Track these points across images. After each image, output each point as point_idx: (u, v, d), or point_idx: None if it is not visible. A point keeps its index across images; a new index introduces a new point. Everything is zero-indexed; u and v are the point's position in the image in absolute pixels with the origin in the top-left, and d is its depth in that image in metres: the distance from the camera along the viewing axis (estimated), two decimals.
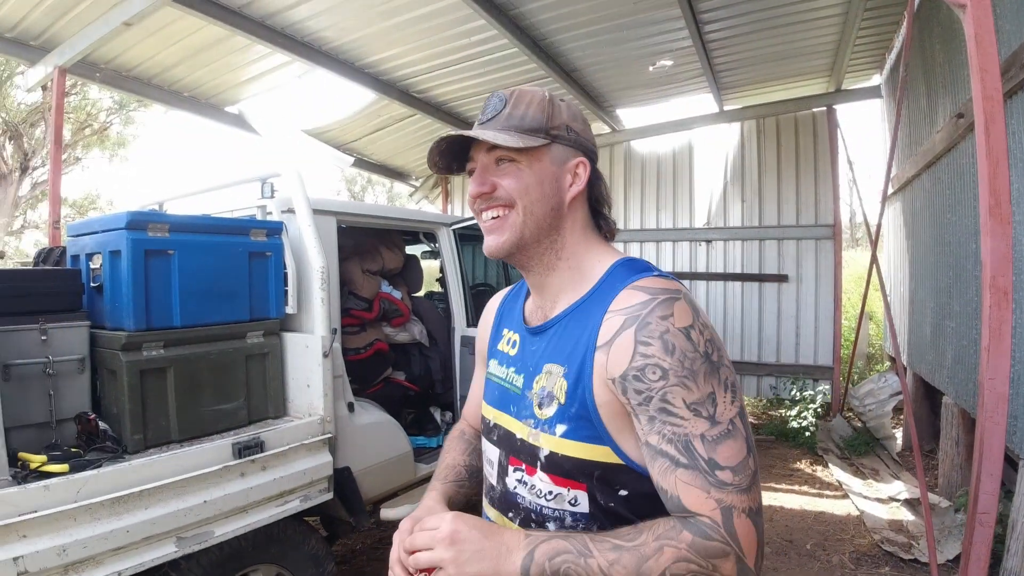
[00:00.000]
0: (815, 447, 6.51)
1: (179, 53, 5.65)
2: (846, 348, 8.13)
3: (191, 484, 2.43)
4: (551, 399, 1.07)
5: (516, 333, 1.25)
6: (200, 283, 2.77)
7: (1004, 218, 1.72)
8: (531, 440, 1.09)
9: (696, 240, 8.38)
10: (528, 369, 1.16)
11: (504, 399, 1.21)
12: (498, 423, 1.21)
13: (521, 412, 1.14)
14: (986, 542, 2.01)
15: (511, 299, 1.36)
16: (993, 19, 3.42)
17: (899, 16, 5.87)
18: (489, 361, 1.32)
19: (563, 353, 1.09)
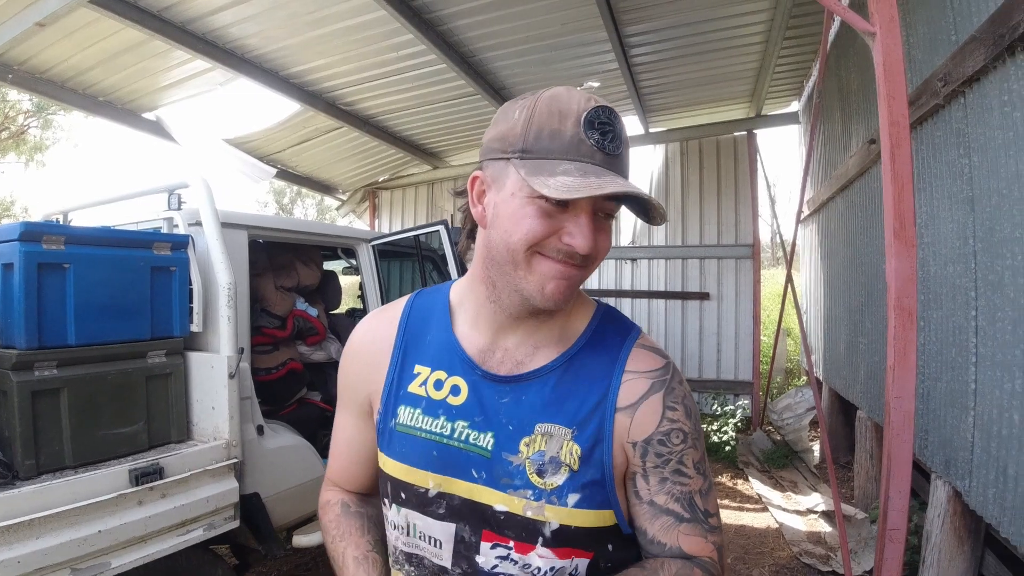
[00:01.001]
0: (736, 461, 6.65)
1: (96, 56, 5.40)
2: (765, 363, 8.39)
3: (85, 513, 2.29)
4: (557, 466, 0.96)
5: (457, 377, 1.04)
6: (98, 299, 2.61)
7: (909, 240, 1.78)
8: (530, 514, 0.96)
9: (622, 258, 8.52)
10: (502, 427, 0.99)
11: (453, 461, 1.00)
12: (448, 491, 1.00)
13: (499, 480, 0.98)
14: (897, 557, 2.06)
15: (414, 325, 1.12)
16: (906, 48, 3.63)
17: (816, 45, 6.13)
18: (396, 408, 1.06)
19: (566, 413, 0.99)
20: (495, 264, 0.98)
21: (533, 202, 0.90)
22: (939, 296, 3.36)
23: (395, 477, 1.04)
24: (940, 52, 3.16)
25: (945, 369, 3.28)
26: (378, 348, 1.12)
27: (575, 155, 0.89)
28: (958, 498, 3.10)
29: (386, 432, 1.07)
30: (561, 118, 0.90)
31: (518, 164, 0.91)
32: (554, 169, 0.88)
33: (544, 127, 0.90)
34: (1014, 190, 2.51)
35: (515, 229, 0.92)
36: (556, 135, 0.90)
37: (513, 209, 0.92)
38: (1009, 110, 2.53)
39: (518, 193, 0.92)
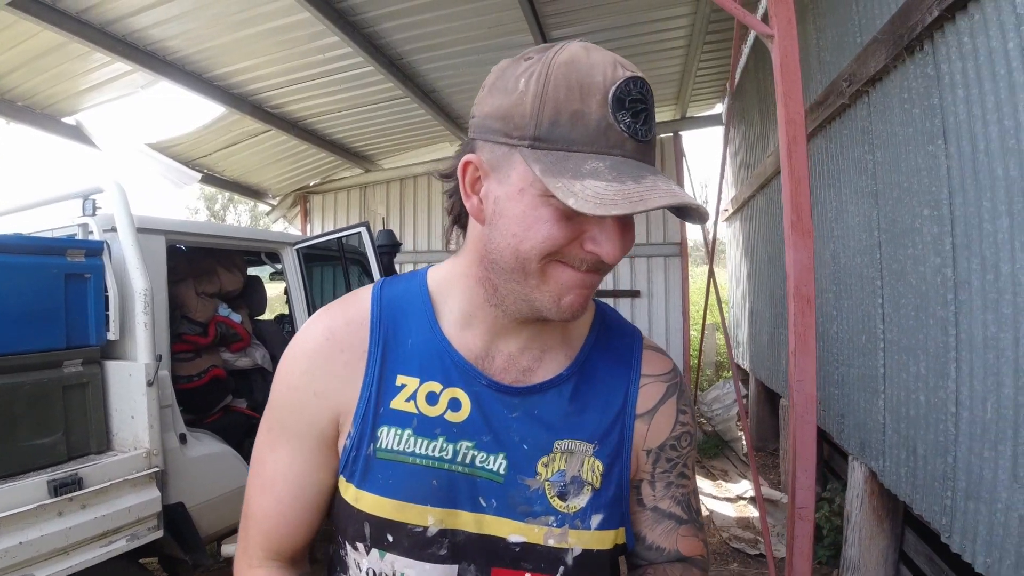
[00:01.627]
0: None
1: (14, 60, 5.17)
2: (695, 357, 8.60)
3: (4, 524, 2.23)
4: (580, 486, 0.85)
5: (456, 388, 0.86)
6: (10, 307, 2.53)
7: (806, 232, 1.87)
8: (552, 543, 0.83)
9: None
10: (515, 446, 0.85)
11: (457, 490, 0.83)
12: (452, 527, 0.83)
13: (515, 508, 0.83)
14: (807, 535, 2.15)
15: (389, 325, 0.90)
16: (815, 51, 3.79)
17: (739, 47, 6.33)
18: (377, 430, 0.85)
19: (586, 426, 0.88)
20: (498, 269, 0.80)
21: (548, 202, 0.72)
22: (849, 286, 3.52)
23: (378, 516, 0.83)
24: (847, 53, 3.31)
25: (857, 355, 3.43)
26: (345, 356, 0.87)
27: (603, 146, 0.70)
28: (874, 478, 3.25)
29: (360, 461, 0.84)
30: (583, 95, 0.70)
31: (529, 157, 0.72)
32: (579, 168, 0.69)
33: (562, 109, 0.70)
34: (913, 183, 2.66)
35: (527, 235, 0.74)
36: (577, 120, 0.70)
37: (523, 209, 0.74)
38: (908, 107, 2.67)
39: (528, 189, 0.73)
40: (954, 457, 2.36)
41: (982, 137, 2.11)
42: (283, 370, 0.90)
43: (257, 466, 0.91)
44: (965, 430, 2.29)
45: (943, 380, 2.45)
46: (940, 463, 2.46)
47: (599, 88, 0.70)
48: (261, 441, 0.92)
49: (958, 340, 2.34)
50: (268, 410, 0.91)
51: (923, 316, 2.63)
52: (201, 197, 27.86)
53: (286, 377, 0.89)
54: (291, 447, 0.88)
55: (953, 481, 2.35)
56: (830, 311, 3.85)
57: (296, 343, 0.91)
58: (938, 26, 2.35)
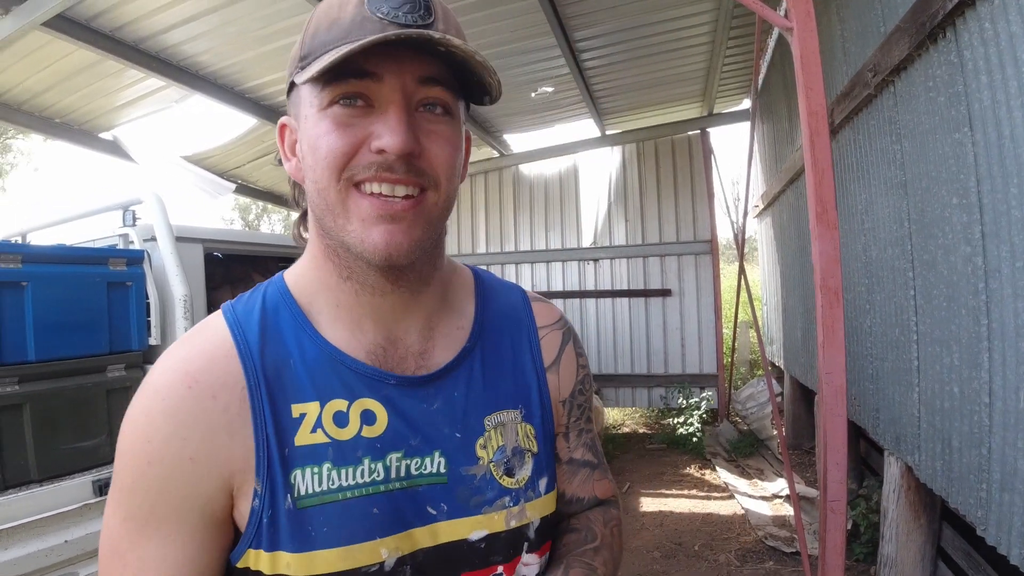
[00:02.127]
0: (703, 452, 6.76)
1: (49, 78, 5.36)
2: (728, 355, 8.53)
3: (51, 524, 2.33)
4: (521, 455, 0.82)
5: (363, 399, 0.75)
6: (56, 315, 2.65)
7: (831, 223, 1.88)
8: (514, 524, 0.79)
9: (584, 259, 8.61)
10: (448, 438, 0.78)
11: (402, 509, 0.74)
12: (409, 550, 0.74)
13: (467, 503, 0.77)
14: (839, 528, 2.14)
15: (260, 350, 0.74)
16: (839, 42, 3.76)
17: (762, 44, 6.29)
18: (289, 477, 0.71)
19: (508, 392, 0.84)
20: (322, 223, 0.74)
21: (326, 114, 0.69)
22: (881, 279, 3.49)
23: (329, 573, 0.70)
24: (870, 44, 3.28)
25: (890, 348, 3.40)
26: (220, 402, 0.71)
27: (357, 36, 0.66)
28: (910, 473, 3.21)
29: (279, 521, 0.70)
30: (340, 7, 0.69)
31: (298, 76, 0.71)
32: (327, 56, 0.66)
33: (321, 24, 0.70)
34: (941, 172, 2.63)
35: (316, 159, 0.69)
36: (336, 24, 0.68)
37: (310, 135, 0.70)
38: (934, 95, 2.65)
39: (310, 113, 0.70)
40: (988, 448, 2.33)
41: (1007, 123, 2.09)
42: (132, 442, 0.70)
43: (116, 568, 0.70)
44: (999, 420, 2.26)
45: (976, 370, 2.42)
46: (975, 455, 2.44)
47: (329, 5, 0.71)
48: (115, 536, 0.70)
49: (990, 329, 2.31)
50: (120, 496, 0.71)
51: (955, 306, 2.60)
52: (236, 208, 28.34)
53: (141, 449, 0.69)
54: (167, 536, 0.69)
55: (988, 473, 2.32)
56: (863, 304, 3.81)
57: (143, 405, 0.71)
58: (959, 12, 2.33)
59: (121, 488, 0.70)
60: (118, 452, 0.71)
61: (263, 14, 4.63)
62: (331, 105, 0.68)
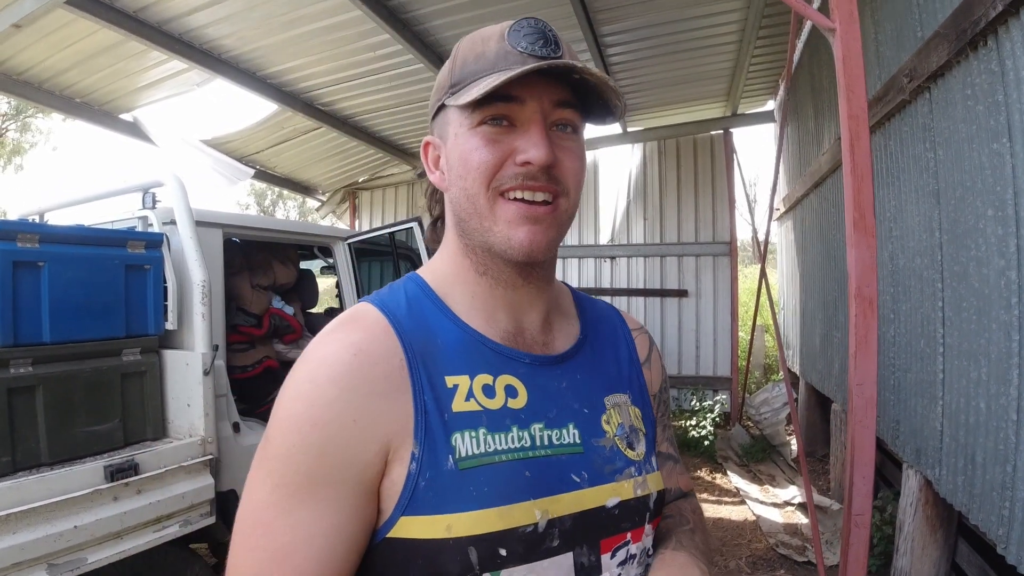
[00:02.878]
0: (715, 456, 6.71)
1: (72, 57, 5.37)
2: (744, 359, 8.47)
3: (60, 508, 2.30)
4: (636, 433, 0.91)
5: (506, 375, 0.83)
6: (72, 297, 2.62)
7: (868, 230, 1.83)
8: (640, 492, 0.86)
9: (601, 257, 8.57)
10: (578, 413, 0.86)
11: (549, 475, 0.79)
12: (557, 514, 0.78)
13: (603, 472, 0.84)
14: (863, 542, 2.10)
15: (412, 330, 0.82)
16: (874, 45, 3.69)
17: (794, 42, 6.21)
18: (450, 439, 0.76)
19: (617, 379, 0.94)
20: (463, 225, 0.85)
21: (476, 132, 0.80)
22: (907, 288, 3.43)
23: (485, 534, 0.72)
24: (907, 48, 3.22)
25: (914, 360, 3.34)
26: (382, 368, 0.77)
27: (504, 65, 0.78)
28: (929, 487, 3.16)
29: (439, 482, 0.74)
30: (484, 41, 0.81)
31: (450, 100, 0.82)
32: (483, 82, 0.77)
33: (469, 55, 0.82)
34: (977, 182, 2.57)
35: (467, 169, 0.80)
36: (482, 56, 0.80)
37: (460, 150, 0.81)
38: (972, 104, 2.59)
39: (459, 131, 0.81)
40: (1014, 466, 2.28)
41: None
42: (298, 407, 0.73)
43: (260, 538, 0.71)
44: None
45: (1005, 387, 2.36)
46: (999, 472, 2.39)
47: (496, 32, 0.81)
48: (262, 505, 0.72)
49: (1021, 346, 2.26)
50: (273, 463, 0.73)
51: (985, 320, 2.54)
52: (251, 193, 28.48)
53: (304, 413, 0.73)
54: (321, 502, 0.71)
55: (1012, 491, 2.28)
56: (887, 314, 3.75)
57: (307, 372, 0.76)
58: (1002, 20, 2.27)
59: (275, 455, 0.73)
60: (274, 419, 0.75)
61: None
62: (480, 124, 0.79)
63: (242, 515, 0.74)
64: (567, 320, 0.96)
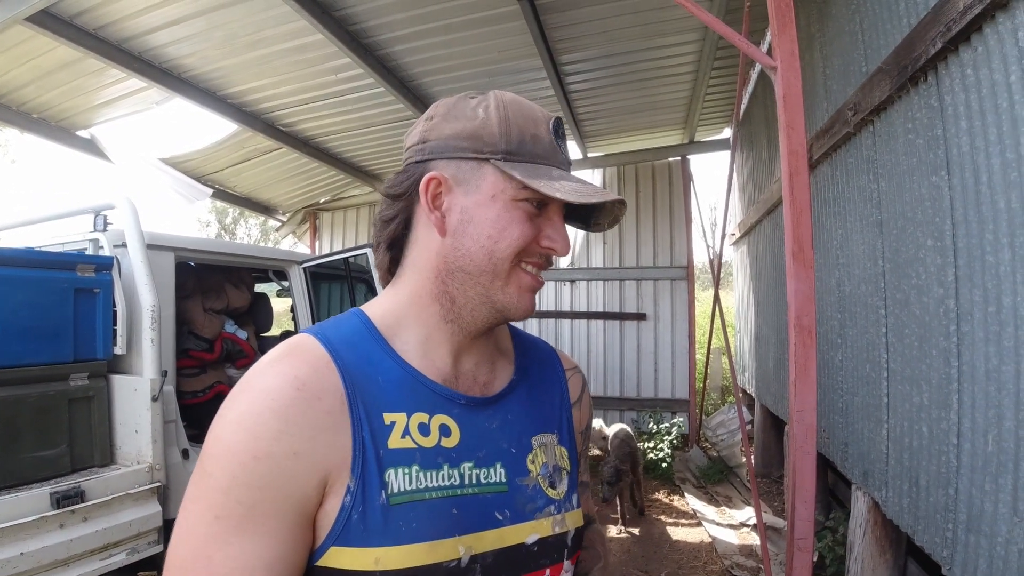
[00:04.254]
0: (673, 478, 6.75)
1: (29, 73, 5.27)
2: (701, 381, 8.57)
3: (6, 535, 2.25)
4: (560, 472, 0.94)
5: (441, 415, 0.85)
6: (18, 320, 2.57)
7: (807, 262, 1.88)
8: (558, 530, 0.90)
9: (561, 280, 8.63)
10: (505, 453, 0.89)
11: (474, 512, 0.83)
12: (480, 550, 0.81)
13: (524, 510, 0.87)
14: (806, 566, 2.13)
15: (353, 366, 0.82)
16: (822, 79, 3.81)
17: (745, 76, 6.38)
18: (384, 475, 0.78)
19: (547, 419, 0.98)
20: (462, 276, 0.86)
21: (518, 205, 0.84)
22: (854, 314, 3.51)
23: (410, 568, 0.75)
24: (852, 82, 3.33)
25: (861, 384, 3.42)
26: (325, 404, 0.78)
27: (554, 161, 0.87)
28: (877, 508, 3.22)
29: (370, 515, 0.76)
30: (535, 123, 0.87)
31: (505, 166, 0.83)
32: (549, 174, 0.85)
33: (524, 131, 0.86)
34: (917, 213, 2.66)
35: (502, 235, 0.84)
36: (537, 140, 0.86)
37: (497, 213, 0.84)
38: (912, 137, 2.68)
39: (500, 196, 0.84)
40: (955, 489, 2.34)
41: (985, 169, 2.12)
42: (240, 439, 0.73)
43: (201, 571, 0.71)
44: (967, 462, 2.27)
45: (945, 411, 2.43)
46: (942, 495, 2.45)
47: (543, 120, 0.88)
48: (201, 538, 0.72)
49: (960, 372, 2.33)
50: (213, 495, 0.73)
51: (926, 346, 2.62)
52: (212, 211, 28.07)
53: (247, 446, 0.73)
54: (263, 535, 0.72)
55: (954, 513, 2.34)
56: (834, 339, 3.84)
57: (250, 405, 0.76)
58: (942, 58, 2.36)
59: (215, 487, 0.73)
60: (213, 453, 0.75)
61: (252, 20, 4.60)
62: (524, 201, 0.85)
63: (178, 548, 0.74)
64: (504, 359, 0.99)
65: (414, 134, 0.91)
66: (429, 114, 0.91)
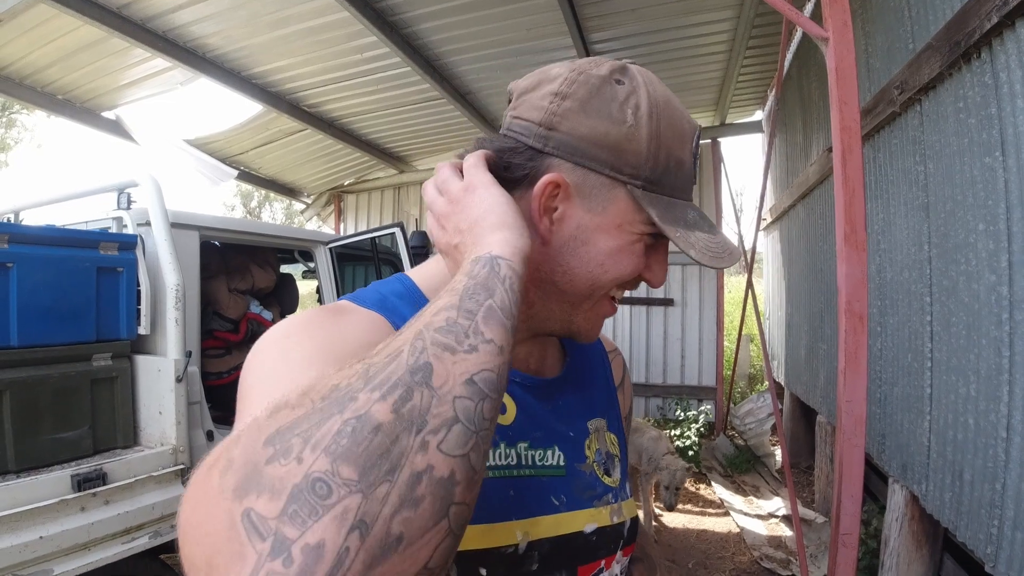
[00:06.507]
0: (699, 465, 6.67)
1: (53, 53, 5.27)
2: (729, 369, 8.45)
3: (26, 518, 2.23)
4: (612, 459, 0.89)
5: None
6: (42, 299, 2.54)
7: (859, 245, 1.78)
8: (616, 520, 0.84)
9: None
10: (563, 436, 0.84)
11: (531, 495, 0.77)
12: (537, 536, 0.75)
13: (582, 497, 0.82)
14: (850, 562, 2.05)
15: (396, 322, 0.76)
16: (864, 57, 3.67)
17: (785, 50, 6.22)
18: None
19: (597, 404, 0.92)
20: (552, 290, 0.77)
21: (641, 239, 0.75)
22: (895, 302, 3.40)
23: (464, 551, 0.69)
24: (898, 61, 3.20)
25: (902, 374, 3.31)
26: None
27: (687, 194, 0.77)
28: (915, 502, 3.13)
29: None
30: (682, 142, 0.74)
31: (643, 199, 0.72)
32: (684, 217, 0.74)
33: (671, 155, 0.73)
34: (968, 196, 2.54)
35: (615, 267, 0.75)
36: (679, 168, 0.75)
37: (619, 244, 0.74)
38: (964, 116, 2.56)
39: (626, 227, 0.74)
40: (1003, 484, 2.25)
41: None
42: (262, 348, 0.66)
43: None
44: (1016, 457, 2.18)
45: (994, 404, 2.33)
46: (988, 490, 2.36)
47: (689, 136, 0.75)
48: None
49: (1012, 362, 2.23)
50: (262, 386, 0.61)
51: (975, 336, 2.51)
52: (237, 194, 28.29)
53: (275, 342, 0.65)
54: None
55: (1001, 509, 2.25)
56: (874, 327, 3.73)
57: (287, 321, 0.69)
58: (997, 33, 2.24)
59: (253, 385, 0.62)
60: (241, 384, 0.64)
61: None
62: (647, 236, 0.75)
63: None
64: (553, 346, 0.92)
65: (535, 107, 0.75)
66: (561, 89, 0.73)
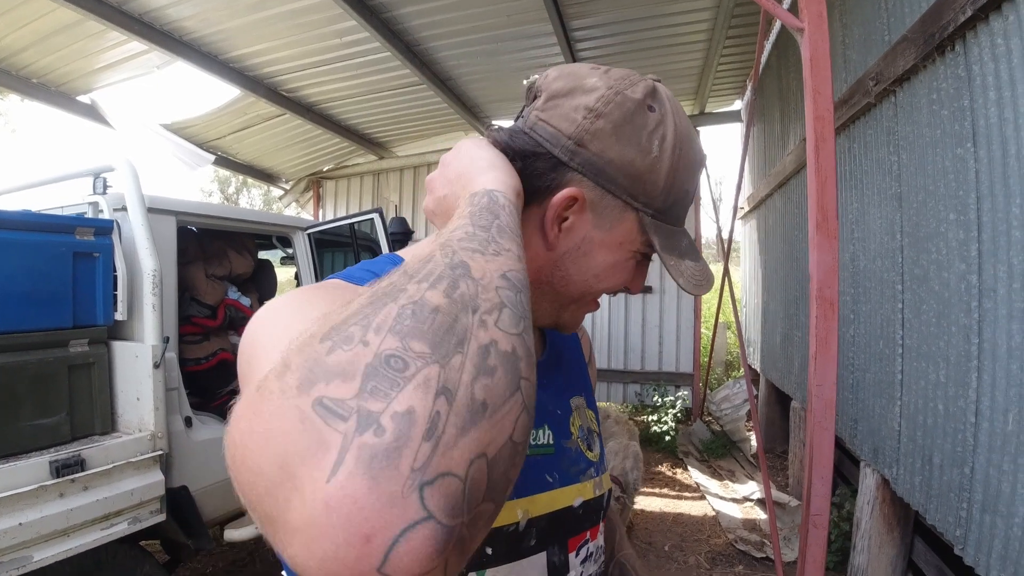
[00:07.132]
0: (676, 451, 6.75)
1: (28, 36, 5.18)
2: (706, 356, 8.53)
3: (4, 505, 2.22)
4: (592, 435, 0.94)
5: None
6: (17, 285, 2.50)
7: (831, 232, 1.82)
8: (598, 492, 0.90)
9: None
10: (551, 415, 0.88)
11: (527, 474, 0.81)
12: (535, 513, 0.81)
13: (569, 472, 0.87)
14: (821, 542, 2.10)
15: None
16: (841, 48, 3.71)
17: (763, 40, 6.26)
18: None
19: (576, 383, 0.97)
20: (548, 290, 0.82)
21: (635, 256, 0.81)
22: (868, 290, 3.46)
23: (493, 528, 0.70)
24: (874, 52, 3.24)
25: (873, 360, 3.37)
26: None
27: (684, 219, 0.83)
28: (886, 486, 3.19)
29: None
30: (693, 175, 0.80)
31: (651, 227, 0.78)
32: (679, 246, 0.80)
33: (682, 187, 0.78)
34: (940, 187, 2.59)
35: (609, 279, 0.81)
36: (685, 198, 0.80)
37: (617, 260, 0.80)
38: (937, 108, 2.60)
39: (627, 245, 0.79)
40: (971, 468, 2.31)
41: (1013, 141, 2.05)
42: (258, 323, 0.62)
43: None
44: (984, 441, 2.23)
45: (963, 389, 2.39)
46: (956, 474, 2.41)
47: (699, 168, 0.81)
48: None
49: (980, 349, 2.28)
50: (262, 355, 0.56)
51: (945, 323, 2.57)
52: (215, 180, 27.97)
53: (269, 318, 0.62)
54: None
55: (969, 493, 2.31)
56: (847, 314, 3.79)
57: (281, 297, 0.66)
58: (971, 26, 2.28)
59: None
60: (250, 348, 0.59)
61: None
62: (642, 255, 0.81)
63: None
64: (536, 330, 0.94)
65: (567, 118, 0.75)
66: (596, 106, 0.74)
